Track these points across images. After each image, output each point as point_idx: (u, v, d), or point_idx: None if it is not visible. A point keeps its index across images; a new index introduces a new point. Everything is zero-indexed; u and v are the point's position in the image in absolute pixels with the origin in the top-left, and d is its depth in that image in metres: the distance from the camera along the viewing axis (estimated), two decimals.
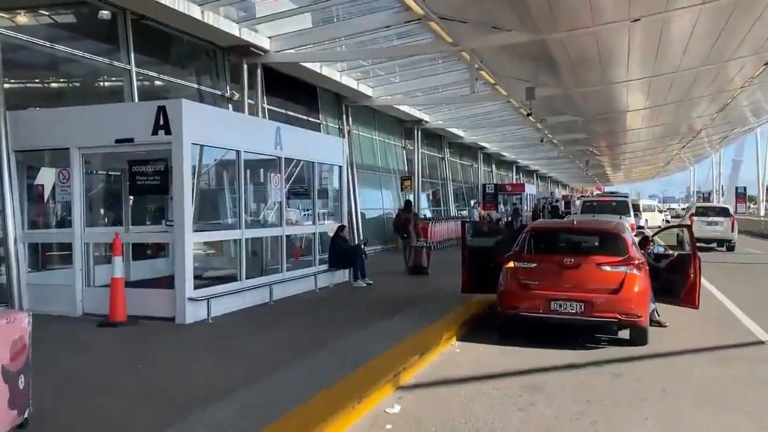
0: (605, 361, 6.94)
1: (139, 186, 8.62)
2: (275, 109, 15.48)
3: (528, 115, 18.19)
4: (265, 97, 14.32)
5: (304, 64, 15.25)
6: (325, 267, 12.05)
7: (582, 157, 43.36)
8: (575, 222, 9.47)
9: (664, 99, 21.08)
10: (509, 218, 28.13)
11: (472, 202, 34.35)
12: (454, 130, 28.57)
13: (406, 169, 25.09)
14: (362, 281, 12.14)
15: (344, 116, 19.58)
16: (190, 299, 8.22)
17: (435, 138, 29.86)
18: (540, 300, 7.51)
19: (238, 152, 9.60)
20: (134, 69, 11.41)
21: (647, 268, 7.80)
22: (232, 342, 7.29)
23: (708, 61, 16.25)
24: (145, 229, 11.53)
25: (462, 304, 9.50)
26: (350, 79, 18.22)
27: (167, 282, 8.73)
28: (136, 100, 11.21)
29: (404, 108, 21.95)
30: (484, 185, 34.70)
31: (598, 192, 58.50)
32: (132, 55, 11.37)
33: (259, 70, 13.73)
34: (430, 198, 30.12)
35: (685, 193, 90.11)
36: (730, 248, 22.29)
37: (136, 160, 8.60)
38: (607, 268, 7.52)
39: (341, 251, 12.23)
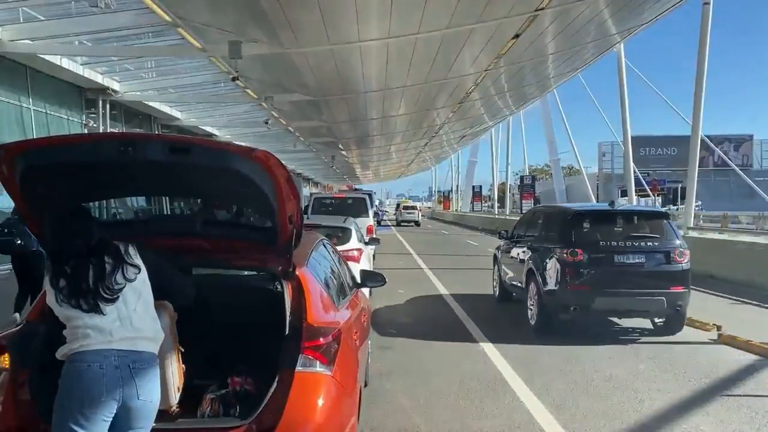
0: None
1: None
2: None
3: (234, 79, 13.47)
4: None
5: None
6: None
7: (327, 152, 40.49)
8: None
9: (405, 74, 18.17)
10: None
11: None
12: (163, 108, 22.64)
13: None
14: None
15: None
16: None
17: (144, 119, 23.50)
18: None
19: None
20: None
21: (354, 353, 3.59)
22: None
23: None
24: None
25: None
26: None
27: None
28: None
29: (71, 67, 15.64)
30: None
31: (347, 189, 56.95)
32: None
33: None
34: None
35: (428, 192, 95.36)
36: (417, 224, 46.24)
37: None
38: None
39: None
